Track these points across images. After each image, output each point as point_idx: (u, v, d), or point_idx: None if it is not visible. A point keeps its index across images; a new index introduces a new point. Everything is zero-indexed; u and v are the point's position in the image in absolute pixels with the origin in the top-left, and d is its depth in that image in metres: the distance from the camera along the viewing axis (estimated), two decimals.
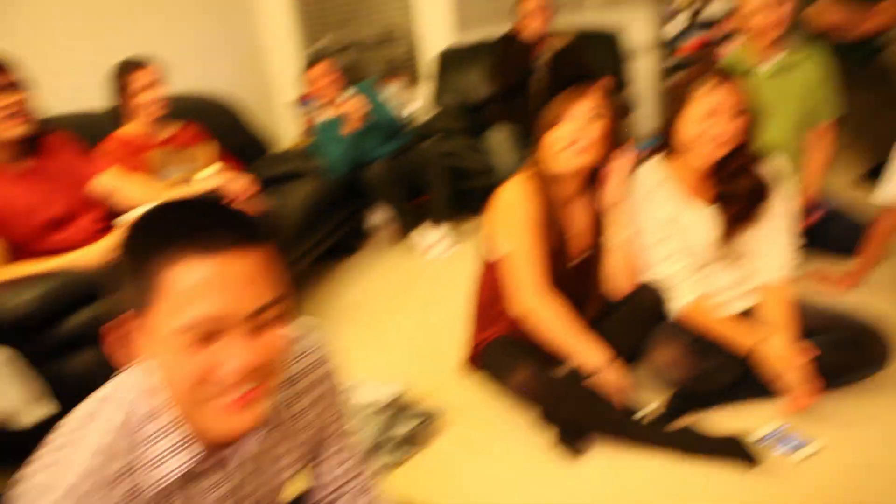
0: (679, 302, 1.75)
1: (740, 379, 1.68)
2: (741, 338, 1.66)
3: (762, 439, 1.58)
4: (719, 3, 3.82)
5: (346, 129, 3.29)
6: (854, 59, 3.42)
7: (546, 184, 1.75)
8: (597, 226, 1.81)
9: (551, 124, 1.70)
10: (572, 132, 1.66)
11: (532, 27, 3.41)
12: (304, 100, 4.24)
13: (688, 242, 1.76)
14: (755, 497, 1.48)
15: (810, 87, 2.38)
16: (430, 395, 1.99)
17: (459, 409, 1.90)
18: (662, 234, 1.75)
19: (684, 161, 1.76)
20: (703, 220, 1.76)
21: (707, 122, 1.64)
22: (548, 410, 1.69)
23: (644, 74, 4.38)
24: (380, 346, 2.43)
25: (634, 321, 1.76)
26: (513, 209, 1.76)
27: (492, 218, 1.82)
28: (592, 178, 1.79)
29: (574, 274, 1.84)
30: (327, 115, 3.47)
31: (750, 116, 1.67)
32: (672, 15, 3.91)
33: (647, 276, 1.80)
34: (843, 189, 2.76)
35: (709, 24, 3.94)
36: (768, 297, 1.75)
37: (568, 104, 1.68)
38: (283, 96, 4.74)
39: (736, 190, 1.71)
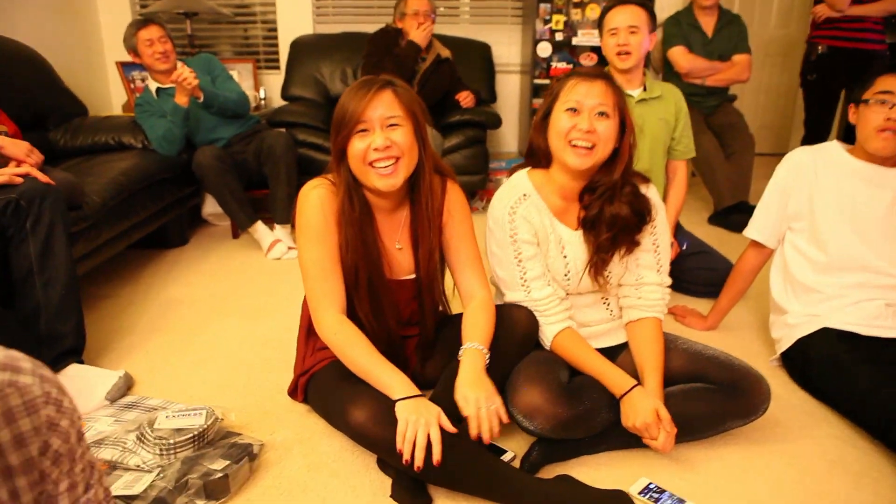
0: (551, 329, 1.57)
1: (612, 425, 1.52)
2: (613, 381, 1.51)
3: (638, 495, 1.42)
4: (587, 33, 3.86)
5: (174, 104, 2.83)
6: (704, 107, 3.59)
7: (354, 192, 1.49)
8: (421, 239, 1.56)
9: (350, 130, 1.42)
10: (376, 147, 1.41)
11: (418, 30, 3.20)
12: (134, 64, 3.71)
13: (554, 266, 1.59)
14: None
15: (667, 122, 2.38)
16: (250, 425, 1.66)
17: (284, 446, 1.58)
18: (529, 253, 1.57)
19: (552, 175, 1.59)
20: (573, 244, 1.60)
21: (570, 119, 1.48)
22: (388, 457, 1.39)
23: (513, 91, 4.35)
24: (196, 358, 2.04)
25: (504, 348, 1.52)
26: (309, 212, 1.48)
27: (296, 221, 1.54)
28: (413, 186, 1.54)
29: (402, 291, 1.60)
30: (153, 85, 3.00)
31: (620, 123, 1.51)
32: (541, 37, 3.89)
33: (511, 298, 1.61)
34: (694, 229, 2.81)
35: (579, 50, 3.97)
36: (640, 334, 1.62)
37: (364, 108, 1.40)
38: (112, 56, 4.13)
39: (605, 215, 1.54)
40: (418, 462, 1.27)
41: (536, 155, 1.60)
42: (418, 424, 1.29)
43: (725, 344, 2.11)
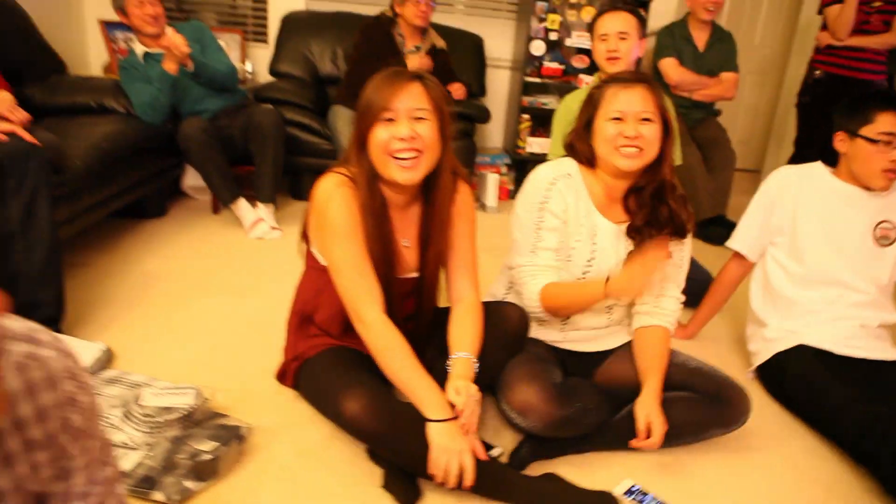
0: (537, 284, 1.57)
1: (599, 427, 1.56)
2: (591, 289, 1.53)
3: (623, 496, 1.46)
4: (580, 35, 3.88)
5: (162, 70, 2.75)
6: (689, 119, 3.65)
7: (374, 184, 1.44)
8: (432, 239, 1.53)
9: (374, 118, 1.38)
10: (401, 137, 1.37)
11: (415, 18, 3.19)
12: (118, 24, 3.59)
13: (579, 249, 1.58)
14: None
15: None
16: (236, 407, 1.64)
17: (271, 431, 1.57)
18: (551, 224, 1.56)
19: (598, 174, 1.61)
20: (608, 235, 1.60)
21: (616, 127, 1.51)
22: (380, 449, 1.42)
23: (502, 87, 4.34)
24: (177, 334, 2.00)
25: (495, 345, 1.53)
26: (337, 211, 1.42)
27: (312, 212, 1.49)
28: (428, 184, 1.49)
29: (403, 291, 1.57)
30: (140, 49, 2.90)
31: (664, 125, 1.53)
32: (535, 35, 3.90)
33: (517, 262, 1.61)
34: None
35: (572, 51, 3.99)
36: (649, 340, 1.64)
37: (392, 97, 1.37)
38: (93, 13, 3.98)
39: (661, 215, 1.55)
40: (451, 485, 1.33)
41: (579, 157, 1.62)
42: (452, 453, 1.32)
43: (703, 354, 2.14)
